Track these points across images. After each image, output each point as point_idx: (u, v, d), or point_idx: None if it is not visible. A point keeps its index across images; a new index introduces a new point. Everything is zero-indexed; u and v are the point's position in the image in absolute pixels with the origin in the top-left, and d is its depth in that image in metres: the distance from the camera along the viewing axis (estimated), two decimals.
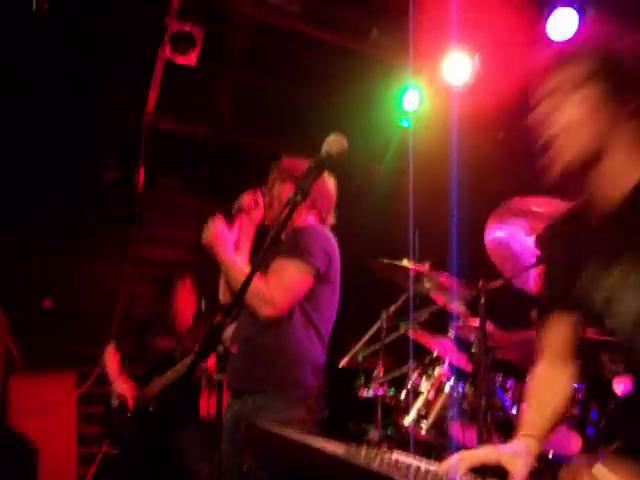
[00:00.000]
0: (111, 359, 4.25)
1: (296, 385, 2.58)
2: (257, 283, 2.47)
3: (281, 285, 2.53)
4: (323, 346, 2.71)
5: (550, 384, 1.69)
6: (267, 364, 2.59)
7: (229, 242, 2.65)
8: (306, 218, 2.80)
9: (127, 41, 4.74)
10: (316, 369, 2.66)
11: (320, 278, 2.63)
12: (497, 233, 2.98)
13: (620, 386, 2.87)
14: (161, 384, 3.95)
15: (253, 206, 2.82)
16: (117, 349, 4.30)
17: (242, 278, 2.36)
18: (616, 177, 1.53)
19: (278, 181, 2.81)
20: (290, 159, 2.85)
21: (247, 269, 2.53)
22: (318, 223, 2.83)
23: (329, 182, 2.87)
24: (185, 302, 4.23)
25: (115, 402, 4.11)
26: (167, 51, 4.66)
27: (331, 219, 2.90)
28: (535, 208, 2.70)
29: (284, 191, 2.75)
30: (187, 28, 4.64)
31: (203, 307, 3.55)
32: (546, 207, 2.59)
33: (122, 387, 4.08)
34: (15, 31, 4.37)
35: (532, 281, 2.82)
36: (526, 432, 1.57)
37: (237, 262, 2.60)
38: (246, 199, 2.81)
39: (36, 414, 4.86)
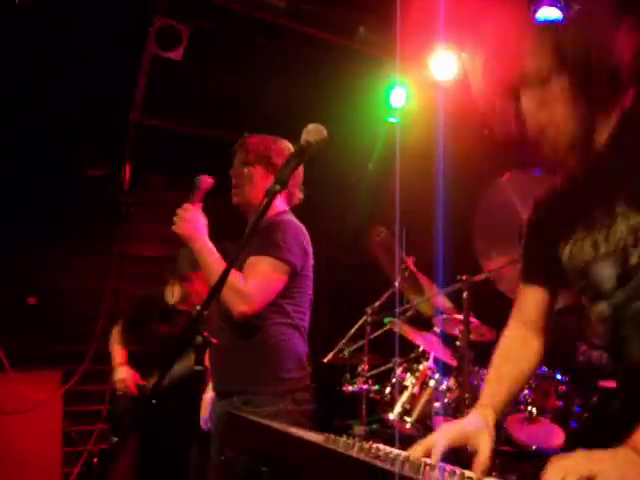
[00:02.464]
0: (117, 343, 4.18)
1: (281, 380, 2.57)
2: (234, 278, 2.42)
3: (257, 282, 2.48)
4: (303, 338, 2.70)
5: (515, 354, 1.71)
6: (250, 364, 2.57)
7: (204, 230, 2.55)
8: (276, 202, 2.68)
9: (113, 37, 4.71)
10: (299, 362, 2.65)
11: (296, 274, 2.60)
12: (488, 214, 2.97)
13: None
14: (172, 377, 3.87)
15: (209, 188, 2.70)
16: (123, 331, 4.23)
17: (219, 268, 2.37)
18: (584, 140, 1.51)
19: (247, 164, 2.73)
20: (255, 138, 2.79)
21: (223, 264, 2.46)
22: (286, 204, 2.79)
23: None
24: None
25: (119, 389, 4.03)
26: (153, 47, 4.64)
27: (299, 194, 2.85)
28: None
29: (255, 174, 2.70)
30: (173, 24, 4.62)
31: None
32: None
33: (125, 373, 4.01)
34: None
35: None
36: (484, 402, 1.61)
37: (214, 252, 2.52)
38: (206, 180, 2.67)
39: (20, 413, 4.82)
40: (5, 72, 4.73)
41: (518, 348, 1.72)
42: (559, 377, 2.88)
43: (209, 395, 2.94)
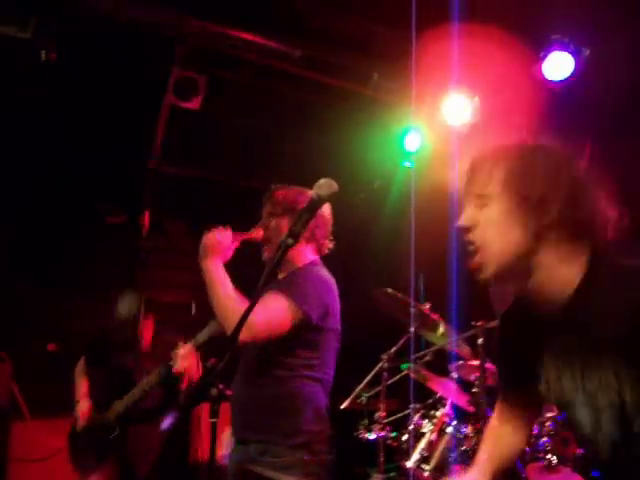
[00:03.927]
0: (81, 377, 4.25)
1: (298, 432, 2.56)
2: (241, 307, 2.40)
3: (264, 314, 2.41)
4: (325, 391, 2.69)
5: (498, 444, 1.82)
6: (269, 414, 2.57)
7: (222, 257, 2.59)
8: (304, 252, 2.76)
9: (132, 87, 4.84)
10: (319, 415, 2.64)
11: (312, 326, 2.59)
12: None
13: None
14: (120, 408, 3.90)
15: (257, 239, 2.78)
16: (87, 364, 4.31)
17: (225, 294, 2.48)
18: (550, 281, 1.51)
19: (274, 215, 2.76)
20: (282, 190, 2.81)
21: (232, 290, 2.52)
22: (315, 255, 2.81)
23: (324, 209, 2.79)
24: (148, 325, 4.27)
25: (80, 425, 4.06)
26: (171, 97, 4.75)
27: (329, 244, 2.85)
28: None
29: (282, 226, 2.71)
30: (191, 74, 4.74)
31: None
32: None
33: (81, 409, 4.06)
34: (22, 78, 4.48)
35: None
36: (482, 463, 1.75)
37: (226, 277, 2.55)
38: (259, 232, 2.75)
39: (37, 461, 4.82)
40: (26, 120, 4.87)
41: (503, 443, 1.81)
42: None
43: (227, 434, 2.93)
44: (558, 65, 4.08)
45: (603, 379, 1.44)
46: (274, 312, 2.52)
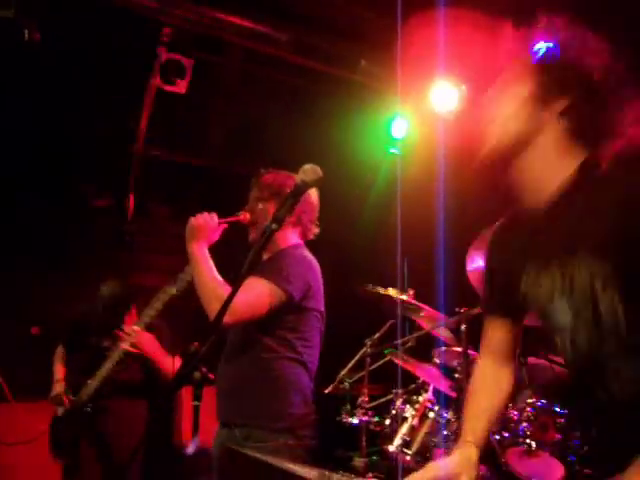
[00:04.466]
0: (59, 360, 4.26)
1: (282, 416, 2.58)
2: (223, 292, 2.45)
3: (244, 296, 2.35)
4: (310, 375, 2.70)
5: (487, 388, 1.76)
6: (253, 397, 2.59)
7: (207, 240, 2.63)
8: (289, 236, 2.79)
9: (118, 69, 4.79)
10: (304, 398, 2.65)
11: (294, 305, 2.62)
12: (478, 262, 3.00)
13: None
14: (92, 386, 3.90)
15: (243, 222, 2.79)
16: (66, 351, 4.32)
17: (209, 277, 2.53)
18: (542, 178, 1.54)
19: (261, 199, 2.78)
20: (270, 174, 2.84)
21: (216, 274, 2.55)
22: (301, 240, 2.83)
23: (311, 194, 2.83)
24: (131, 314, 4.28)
25: (60, 410, 4.07)
26: (157, 80, 4.71)
27: (314, 229, 2.88)
28: None
29: (269, 210, 2.72)
30: (177, 57, 4.70)
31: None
32: None
33: (60, 388, 4.08)
34: (4, 59, 4.42)
35: None
36: (467, 438, 1.65)
37: (210, 261, 2.58)
38: (245, 216, 2.77)
39: (21, 444, 4.81)
40: (10, 102, 4.81)
41: (491, 381, 1.76)
42: (558, 410, 2.87)
43: None
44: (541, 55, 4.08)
45: (579, 279, 1.45)
46: (256, 295, 2.53)
